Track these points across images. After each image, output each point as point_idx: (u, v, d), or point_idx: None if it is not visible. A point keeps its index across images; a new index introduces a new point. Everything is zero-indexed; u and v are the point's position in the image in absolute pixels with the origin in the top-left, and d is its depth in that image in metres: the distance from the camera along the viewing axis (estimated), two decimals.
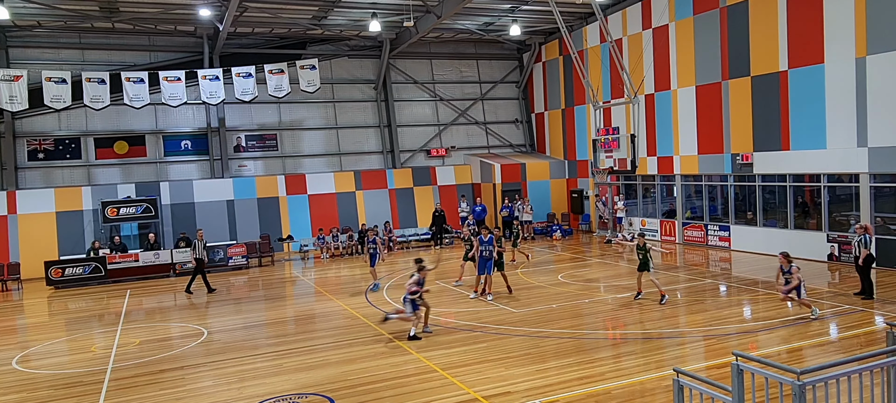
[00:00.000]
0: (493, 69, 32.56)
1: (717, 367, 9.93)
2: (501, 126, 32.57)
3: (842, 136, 18.50)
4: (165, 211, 25.18)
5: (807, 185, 20.21)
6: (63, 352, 13.26)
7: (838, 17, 18.30)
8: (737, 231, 22.03)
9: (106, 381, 10.93)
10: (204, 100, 25.29)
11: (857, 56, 17.92)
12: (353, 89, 30.02)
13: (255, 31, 26.97)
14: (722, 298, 15.32)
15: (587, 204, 29.17)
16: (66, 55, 25.66)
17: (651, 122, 25.12)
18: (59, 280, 21.33)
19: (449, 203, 29.13)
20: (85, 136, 26.02)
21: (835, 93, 18.56)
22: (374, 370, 10.74)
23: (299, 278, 21.56)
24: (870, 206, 17.95)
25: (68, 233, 24.06)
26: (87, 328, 15.47)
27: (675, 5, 23.58)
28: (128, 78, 23.97)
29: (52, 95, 23.19)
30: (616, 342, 12.09)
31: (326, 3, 23.89)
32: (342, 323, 14.30)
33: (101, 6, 22.78)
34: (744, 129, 21.41)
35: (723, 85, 22.04)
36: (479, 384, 9.73)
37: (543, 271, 19.59)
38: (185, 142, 27.47)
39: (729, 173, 22.17)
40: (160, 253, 22.69)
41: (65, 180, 25.63)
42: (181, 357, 12.24)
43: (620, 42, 25.88)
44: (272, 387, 10.12)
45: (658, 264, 17.15)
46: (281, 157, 28.64)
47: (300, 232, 26.73)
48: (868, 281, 14.02)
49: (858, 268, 14.25)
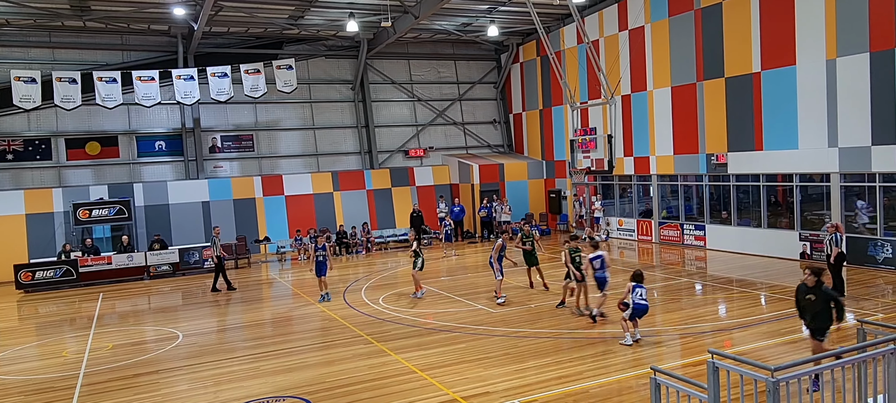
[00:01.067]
0: (470, 70, 32.61)
1: (694, 365, 10.04)
2: (479, 126, 32.63)
3: (813, 137, 18.84)
4: (139, 212, 24.78)
5: (779, 185, 20.55)
6: (33, 357, 12.98)
7: (809, 19, 18.64)
8: (712, 230, 22.32)
9: (78, 387, 10.72)
10: (178, 101, 24.94)
11: (827, 58, 18.27)
12: (330, 89, 29.86)
13: (230, 31, 26.69)
14: (698, 297, 15.50)
15: (565, 205, 29.35)
16: (36, 54, 25.14)
17: (628, 123, 25.35)
18: (29, 283, 20.88)
19: (427, 203, 29.11)
20: (55, 137, 25.52)
21: (806, 94, 18.90)
22: (352, 372, 10.67)
23: (276, 280, 21.36)
24: (840, 205, 18.31)
25: (38, 236, 23.57)
26: (59, 332, 15.17)
27: (651, 7, 23.82)
28: (100, 77, 23.57)
29: (22, 95, 22.71)
30: (594, 341, 12.16)
31: (303, 3, 23.72)
32: (320, 325, 14.20)
33: (72, 4, 22.36)
34: (718, 130, 21.70)
35: (698, 86, 22.32)
36: (458, 384, 9.72)
37: (522, 271, 19.64)
38: (159, 143, 27.08)
39: (704, 173, 22.46)
40: (134, 256, 22.33)
41: (35, 182, 25.11)
42: (156, 361, 12.05)
43: (597, 43, 26.08)
44: (249, 391, 10.01)
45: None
46: (257, 158, 28.38)
47: (277, 234, 26.50)
48: (839, 278, 14.28)
49: (830, 267, 14.50)
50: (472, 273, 20.17)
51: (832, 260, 14.24)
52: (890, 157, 16.99)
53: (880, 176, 17.33)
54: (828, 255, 14.49)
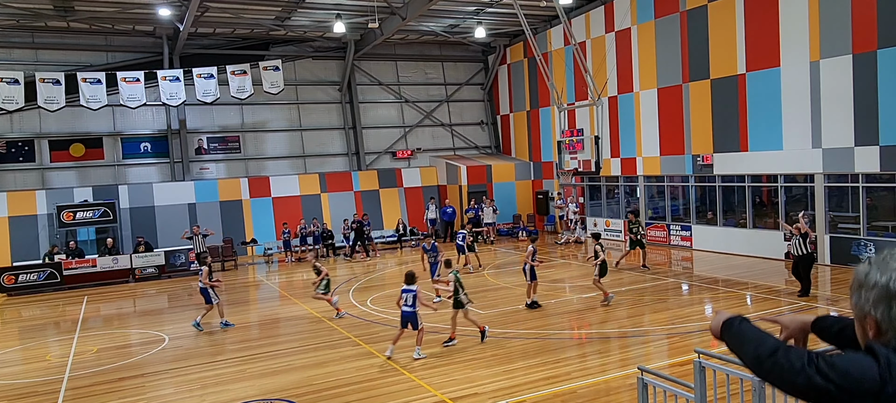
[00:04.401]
0: (458, 71, 32.62)
1: (680, 364, 10.09)
2: (467, 128, 32.65)
3: (797, 138, 19.02)
4: (124, 215, 24.54)
5: (764, 185, 20.72)
6: (16, 362, 12.83)
7: (793, 22, 18.82)
8: (698, 230, 22.47)
9: (62, 391, 10.59)
10: (164, 102, 24.74)
11: (811, 60, 18.45)
12: (317, 91, 29.75)
13: (216, 32, 26.53)
14: (684, 297, 15.59)
15: (552, 206, 29.43)
16: (19, 55, 24.84)
17: (614, 124, 25.47)
18: (11, 287, 20.62)
19: (415, 205, 29.09)
20: (39, 139, 25.23)
21: (790, 95, 19.08)
22: (339, 373, 10.63)
23: (263, 282, 21.25)
24: (824, 206, 18.50)
25: (21, 239, 23.28)
26: (42, 336, 14.99)
27: (637, 9, 23.96)
28: (84, 78, 23.32)
29: (4, 96, 22.43)
30: (581, 341, 12.20)
31: (289, 4, 23.62)
32: (307, 327, 14.13)
33: (56, 5, 22.12)
34: (704, 131, 21.86)
35: (683, 87, 22.47)
36: (447, 386, 9.71)
37: (509, 272, 19.67)
38: (144, 145, 26.85)
39: (690, 174, 22.61)
40: (119, 259, 22.12)
41: (17, 184, 24.80)
42: (141, 364, 11.95)
43: (584, 45, 26.19)
44: (235, 394, 9.94)
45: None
46: (244, 160, 28.21)
47: (264, 236, 26.36)
48: (807, 280, 14.34)
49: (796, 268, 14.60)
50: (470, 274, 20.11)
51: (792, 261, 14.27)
52: (872, 158, 17.20)
53: (863, 176, 17.53)
54: (795, 256, 14.51)
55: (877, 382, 1.83)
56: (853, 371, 1.84)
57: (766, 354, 2.00)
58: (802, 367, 1.89)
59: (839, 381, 1.84)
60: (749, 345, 2.10)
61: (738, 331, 2.19)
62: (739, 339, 2.17)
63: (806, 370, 1.89)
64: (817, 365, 1.88)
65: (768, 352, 2.00)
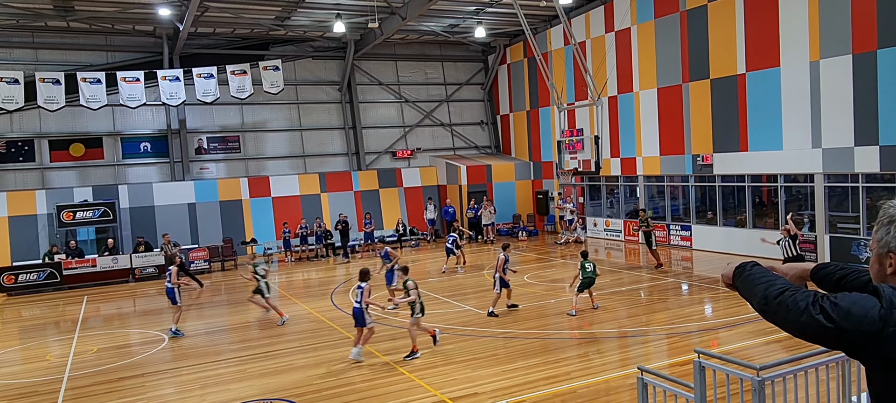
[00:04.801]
0: (458, 71, 32.61)
1: (680, 364, 10.10)
2: (467, 127, 32.65)
3: (797, 138, 19.01)
4: (124, 215, 24.54)
5: (764, 185, 20.72)
6: (16, 361, 12.83)
7: (793, 22, 18.82)
8: (698, 230, 22.46)
9: (62, 390, 10.60)
10: (164, 102, 24.73)
11: (811, 60, 18.45)
12: (317, 91, 29.74)
13: (216, 32, 26.52)
14: (684, 297, 15.59)
15: (552, 205, 29.42)
16: (19, 54, 24.83)
17: (614, 124, 25.47)
18: (11, 287, 20.61)
19: (415, 205, 29.08)
20: (39, 138, 25.23)
21: (790, 95, 19.07)
22: (339, 373, 10.63)
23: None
24: (824, 206, 18.49)
25: (21, 239, 23.28)
26: (42, 336, 14.99)
27: (637, 9, 23.96)
28: (84, 78, 23.31)
29: (4, 96, 22.42)
30: (581, 341, 12.20)
31: (289, 4, 23.62)
32: (307, 327, 14.13)
33: (56, 4, 22.13)
34: (704, 131, 21.86)
35: (683, 87, 22.46)
36: (447, 386, 9.71)
37: (508, 272, 19.64)
38: (144, 145, 26.84)
39: (690, 174, 22.61)
40: (119, 258, 22.12)
41: (17, 184, 24.80)
42: (141, 364, 11.95)
43: (584, 45, 26.18)
44: (235, 393, 9.94)
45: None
46: (244, 159, 28.21)
47: (264, 236, 26.36)
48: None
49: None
50: (461, 275, 20.14)
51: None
52: (872, 158, 17.20)
53: (863, 176, 17.53)
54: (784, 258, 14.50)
55: (876, 322, 1.84)
56: (855, 312, 1.86)
57: (774, 295, 2.02)
58: (806, 306, 1.91)
59: (840, 321, 1.85)
60: (759, 287, 2.11)
61: (749, 275, 2.21)
62: (750, 282, 2.19)
63: (810, 309, 1.90)
64: (821, 305, 1.89)
65: (776, 293, 2.02)
